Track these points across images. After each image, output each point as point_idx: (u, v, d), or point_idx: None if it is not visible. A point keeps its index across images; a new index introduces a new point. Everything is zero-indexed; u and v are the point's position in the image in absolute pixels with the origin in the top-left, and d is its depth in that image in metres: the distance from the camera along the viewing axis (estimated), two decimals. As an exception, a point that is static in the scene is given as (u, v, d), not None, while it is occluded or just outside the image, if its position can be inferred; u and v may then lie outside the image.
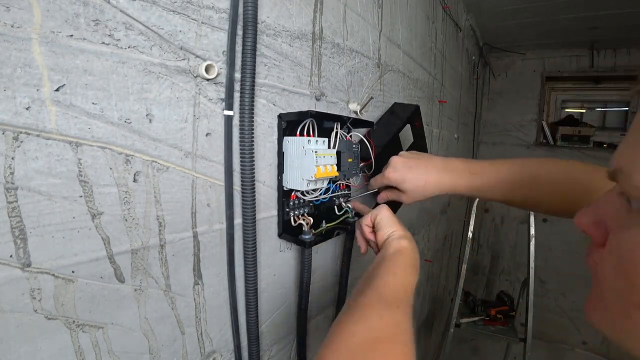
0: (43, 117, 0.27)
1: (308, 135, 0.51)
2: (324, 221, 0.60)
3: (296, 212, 0.55)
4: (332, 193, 0.60)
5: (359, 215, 0.62)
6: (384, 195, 0.62)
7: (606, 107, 2.54)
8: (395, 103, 0.86)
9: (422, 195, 0.57)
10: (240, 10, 0.41)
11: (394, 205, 0.82)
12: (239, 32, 0.42)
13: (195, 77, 0.39)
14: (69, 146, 0.29)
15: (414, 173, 0.56)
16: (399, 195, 0.59)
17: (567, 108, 2.63)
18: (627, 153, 0.21)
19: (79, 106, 0.29)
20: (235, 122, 0.43)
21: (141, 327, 0.37)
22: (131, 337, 0.36)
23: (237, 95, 0.43)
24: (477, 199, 1.66)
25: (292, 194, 0.54)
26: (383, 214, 0.53)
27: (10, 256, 0.27)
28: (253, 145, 0.43)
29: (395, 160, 0.58)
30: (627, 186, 0.21)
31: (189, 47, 0.38)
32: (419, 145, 0.85)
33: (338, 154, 0.56)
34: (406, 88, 1.01)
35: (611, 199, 0.23)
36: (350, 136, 0.60)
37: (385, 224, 0.52)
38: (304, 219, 0.55)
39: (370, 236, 0.54)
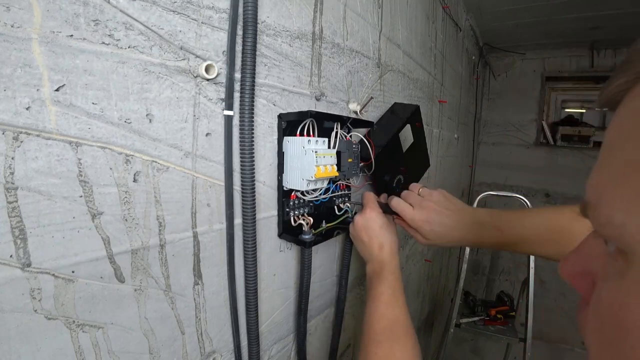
0: (43, 117, 0.27)
1: (308, 135, 0.51)
2: (324, 221, 0.60)
3: (296, 212, 0.55)
4: (332, 193, 0.60)
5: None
6: (398, 222, 0.61)
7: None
8: (395, 103, 0.86)
9: (441, 243, 0.55)
10: (240, 10, 0.41)
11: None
12: (239, 32, 0.42)
13: (195, 77, 0.39)
14: (69, 146, 0.29)
15: (441, 222, 0.53)
16: (415, 234, 0.57)
17: (567, 108, 2.64)
18: (594, 183, 0.17)
19: (79, 106, 0.29)
20: (235, 122, 0.43)
21: (141, 327, 0.37)
22: (131, 337, 0.36)
23: (237, 95, 0.43)
24: (478, 198, 1.66)
25: (292, 194, 0.54)
26: (352, 231, 0.59)
27: (10, 256, 0.27)
28: (253, 145, 0.43)
29: (429, 205, 0.55)
30: (595, 223, 0.17)
31: (189, 47, 0.38)
32: (419, 145, 0.85)
33: (338, 154, 0.56)
34: (406, 88, 1.01)
35: (590, 242, 0.19)
36: (350, 136, 0.60)
37: (355, 245, 0.59)
38: (304, 219, 0.55)
39: None
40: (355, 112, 0.70)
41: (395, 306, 0.50)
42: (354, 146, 0.60)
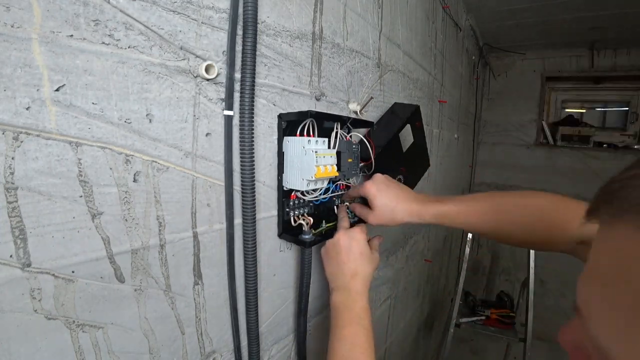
0: (43, 117, 0.27)
1: (308, 135, 0.51)
2: (323, 221, 0.60)
3: (296, 212, 0.55)
4: (332, 193, 0.60)
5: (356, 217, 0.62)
6: (357, 209, 0.61)
7: (606, 107, 2.54)
8: (395, 103, 0.86)
9: (389, 218, 0.55)
10: (240, 10, 0.41)
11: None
12: (239, 32, 0.42)
13: (195, 77, 0.39)
14: (69, 146, 0.29)
15: (389, 194, 0.55)
16: (367, 213, 0.57)
17: (567, 108, 2.64)
18: (584, 298, 0.18)
19: (79, 106, 0.29)
20: (235, 122, 0.43)
21: (141, 327, 0.37)
22: (131, 337, 0.36)
23: (237, 95, 0.43)
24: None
25: (292, 194, 0.54)
26: (322, 255, 0.57)
27: (10, 256, 0.27)
28: (253, 145, 0.43)
29: (378, 175, 0.58)
30: (585, 331, 0.18)
31: (189, 47, 0.38)
32: (419, 145, 0.85)
33: (338, 154, 0.56)
34: (406, 88, 1.01)
35: (579, 327, 0.19)
36: (350, 136, 0.60)
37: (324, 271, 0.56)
38: (304, 219, 0.55)
39: None
40: (355, 112, 0.70)
41: (371, 354, 0.47)
42: (354, 146, 0.60)
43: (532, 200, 0.50)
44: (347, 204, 0.63)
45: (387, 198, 0.55)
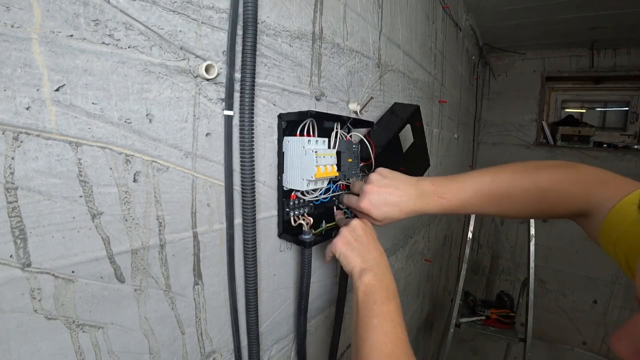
0: (43, 117, 0.27)
1: (308, 135, 0.51)
2: (323, 221, 0.60)
3: (296, 212, 0.55)
4: (332, 193, 0.60)
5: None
6: (361, 218, 0.59)
7: (606, 107, 2.54)
8: (395, 103, 0.86)
9: (396, 220, 0.55)
10: (240, 10, 0.41)
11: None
12: (239, 32, 0.42)
13: (195, 77, 0.39)
14: (69, 146, 0.29)
15: (388, 208, 0.54)
16: (373, 222, 0.56)
17: (567, 108, 2.64)
18: None
19: (79, 106, 0.29)
20: (235, 122, 0.43)
21: (141, 327, 0.37)
22: (131, 337, 0.36)
23: (237, 95, 0.43)
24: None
25: (292, 194, 0.54)
26: (336, 248, 0.53)
27: (10, 256, 0.27)
28: (253, 145, 0.43)
29: (368, 187, 0.55)
30: None
31: (189, 47, 0.38)
32: (419, 145, 0.85)
33: (338, 154, 0.56)
34: (406, 88, 1.01)
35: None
36: (350, 136, 0.60)
37: (342, 260, 0.53)
38: (304, 219, 0.55)
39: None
40: (355, 112, 0.70)
41: (404, 327, 0.46)
42: (354, 146, 0.60)
43: (536, 181, 0.49)
44: (343, 208, 0.63)
45: (388, 210, 0.54)
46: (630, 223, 0.38)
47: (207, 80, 0.40)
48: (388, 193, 0.54)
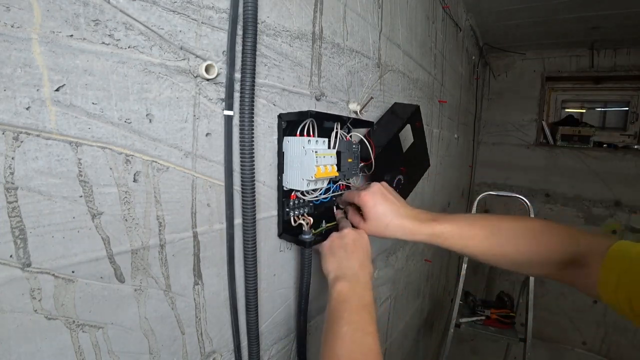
0: (43, 117, 0.27)
1: (308, 135, 0.51)
2: (324, 221, 0.60)
3: (296, 212, 0.55)
4: (332, 193, 0.60)
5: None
6: (350, 216, 0.59)
7: (606, 107, 2.54)
8: (395, 103, 0.86)
9: (381, 231, 0.55)
10: (240, 10, 0.41)
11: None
12: (239, 32, 0.42)
13: (195, 77, 0.39)
14: (69, 146, 0.29)
15: (385, 207, 0.54)
16: (359, 221, 0.56)
17: (567, 108, 2.64)
18: None
19: (79, 106, 0.29)
20: (235, 122, 0.43)
21: (141, 327, 0.37)
22: (131, 337, 0.36)
23: (237, 95, 0.43)
24: (478, 198, 1.66)
25: (292, 194, 0.54)
26: (322, 249, 0.54)
27: (10, 256, 0.27)
28: (253, 145, 0.43)
29: (375, 185, 0.56)
30: None
31: (189, 47, 0.38)
32: (419, 145, 0.85)
33: (338, 154, 0.56)
34: (406, 88, 1.01)
35: None
36: (350, 136, 0.60)
37: (321, 263, 0.54)
38: (304, 219, 0.55)
39: None
40: (355, 112, 0.70)
41: (379, 343, 0.45)
42: (354, 146, 0.60)
43: (526, 222, 0.52)
44: (342, 207, 0.63)
45: (382, 211, 0.54)
46: (630, 261, 0.37)
47: (207, 80, 0.40)
48: (388, 199, 0.55)
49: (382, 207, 0.54)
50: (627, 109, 2.43)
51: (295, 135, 0.51)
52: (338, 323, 0.45)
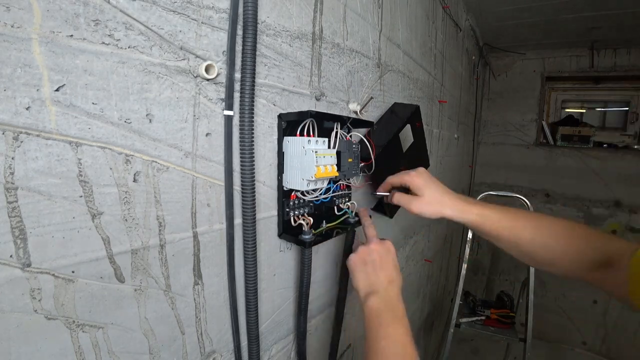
0: (43, 117, 0.27)
1: (308, 135, 0.51)
2: (324, 221, 0.60)
3: (296, 212, 0.55)
4: (332, 193, 0.60)
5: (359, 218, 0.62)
6: (397, 197, 0.61)
7: (606, 107, 2.54)
8: (395, 103, 0.86)
9: (435, 209, 0.57)
10: (240, 10, 0.41)
11: (391, 210, 0.82)
12: (239, 32, 0.42)
13: (195, 77, 0.39)
14: (69, 146, 0.29)
15: (438, 186, 0.58)
16: (410, 200, 0.58)
17: (567, 108, 2.63)
18: None
19: (79, 106, 0.29)
20: (235, 122, 0.43)
21: (141, 327, 0.37)
22: (131, 337, 0.36)
23: (237, 95, 0.43)
24: (478, 198, 1.66)
25: (292, 194, 0.54)
26: (350, 263, 0.56)
27: (10, 256, 0.27)
28: (253, 145, 0.43)
29: (422, 169, 0.60)
30: None
31: (189, 47, 0.38)
32: (419, 145, 0.86)
33: (338, 154, 0.56)
34: (406, 88, 1.01)
35: None
36: (350, 136, 0.60)
37: (351, 276, 0.55)
38: (304, 219, 0.55)
39: None
40: (355, 112, 0.70)
41: (414, 347, 0.47)
42: (354, 146, 0.60)
43: (563, 221, 0.53)
44: (369, 208, 0.63)
45: (436, 190, 0.57)
46: None
47: (207, 80, 0.40)
48: (439, 182, 0.59)
49: (434, 185, 0.58)
50: (627, 109, 2.43)
51: (295, 135, 0.51)
52: (375, 339, 0.47)
